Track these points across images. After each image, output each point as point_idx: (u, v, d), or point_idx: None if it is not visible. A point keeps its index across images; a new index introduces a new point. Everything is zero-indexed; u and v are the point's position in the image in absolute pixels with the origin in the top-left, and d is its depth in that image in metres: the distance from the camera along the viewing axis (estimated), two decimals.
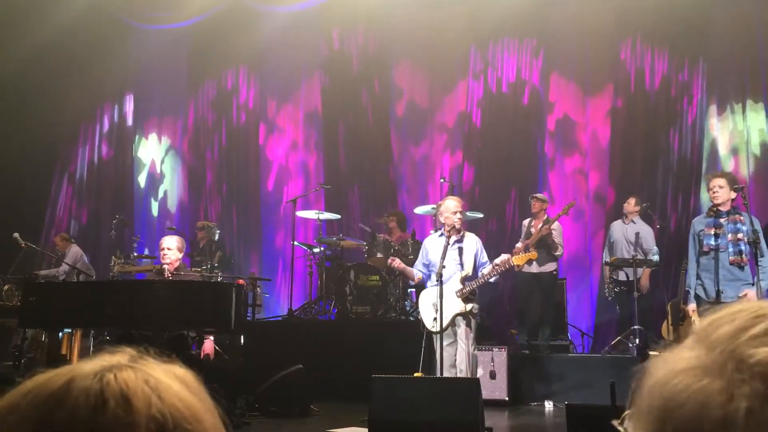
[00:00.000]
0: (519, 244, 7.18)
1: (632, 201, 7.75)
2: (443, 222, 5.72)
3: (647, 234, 7.62)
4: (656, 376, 0.61)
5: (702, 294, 5.75)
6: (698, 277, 5.78)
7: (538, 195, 7.75)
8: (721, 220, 5.69)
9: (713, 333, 0.60)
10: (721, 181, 5.73)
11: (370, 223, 9.14)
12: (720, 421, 0.55)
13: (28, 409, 0.57)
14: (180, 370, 0.64)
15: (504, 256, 5.63)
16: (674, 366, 0.60)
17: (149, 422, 0.56)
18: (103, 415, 0.56)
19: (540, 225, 7.37)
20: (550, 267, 7.39)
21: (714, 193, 5.72)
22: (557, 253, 7.32)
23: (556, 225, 7.29)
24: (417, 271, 5.88)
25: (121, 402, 0.57)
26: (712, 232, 5.67)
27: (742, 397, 0.55)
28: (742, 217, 5.68)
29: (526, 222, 7.71)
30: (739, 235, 5.60)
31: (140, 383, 0.58)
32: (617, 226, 7.81)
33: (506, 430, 5.95)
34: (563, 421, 4.79)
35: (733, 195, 5.70)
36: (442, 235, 5.72)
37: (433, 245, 5.79)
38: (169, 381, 0.61)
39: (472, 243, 5.72)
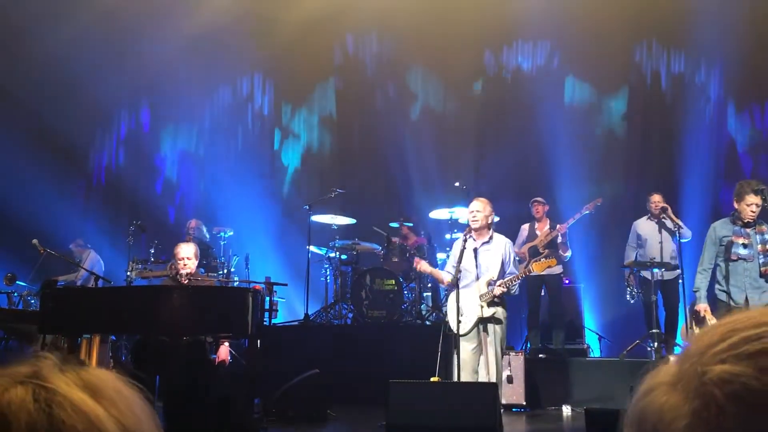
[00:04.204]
0: (520, 249, 7.13)
1: (657, 197, 7.26)
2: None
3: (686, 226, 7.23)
4: (641, 388, 0.61)
5: (724, 298, 5.65)
6: (720, 282, 5.68)
7: (539, 198, 7.71)
8: (748, 230, 5.60)
9: (692, 346, 0.60)
10: (758, 200, 5.53)
11: (384, 227, 9.12)
12: None
13: None
14: (93, 377, 0.60)
15: (519, 268, 5.65)
16: (655, 378, 0.60)
17: None
18: None
19: (545, 227, 7.33)
20: (557, 269, 7.33)
21: (753, 211, 5.51)
22: (567, 254, 7.26)
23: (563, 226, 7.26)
24: (447, 274, 5.82)
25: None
26: (741, 241, 5.57)
27: (686, 414, 0.54)
28: (765, 227, 5.59)
29: (526, 226, 7.65)
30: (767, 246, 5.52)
31: (28, 400, 0.57)
32: (645, 225, 7.42)
33: None
34: (582, 426, 4.75)
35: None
36: (469, 237, 5.72)
37: (459, 247, 5.78)
38: (71, 391, 0.58)
39: (501, 245, 5.66)
